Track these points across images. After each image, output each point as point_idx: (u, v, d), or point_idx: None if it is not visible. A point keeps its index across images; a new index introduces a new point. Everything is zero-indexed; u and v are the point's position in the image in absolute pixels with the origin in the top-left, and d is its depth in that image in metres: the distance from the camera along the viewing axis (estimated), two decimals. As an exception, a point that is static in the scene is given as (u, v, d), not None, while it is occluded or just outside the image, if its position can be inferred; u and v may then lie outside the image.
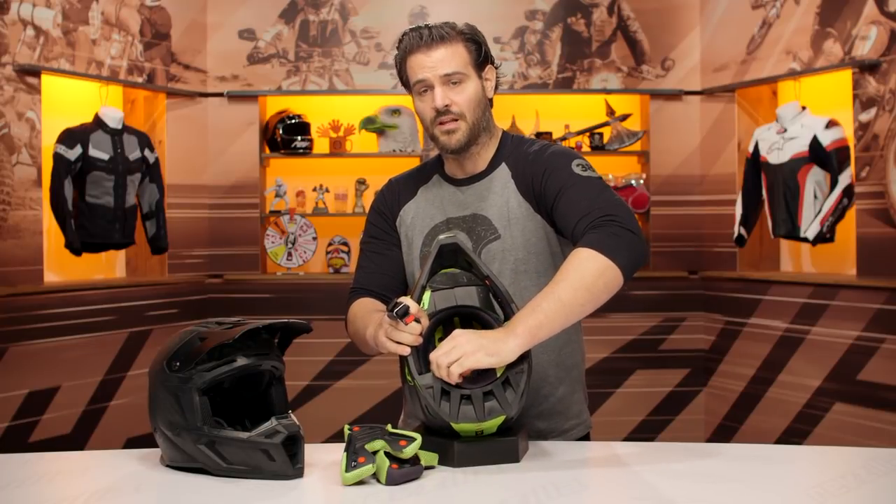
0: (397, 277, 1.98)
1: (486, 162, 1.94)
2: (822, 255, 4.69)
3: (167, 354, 1.65)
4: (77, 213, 4.43)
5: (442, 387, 1.61)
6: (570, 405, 1.95)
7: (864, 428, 4.16)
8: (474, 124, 1.88)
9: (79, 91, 4.61)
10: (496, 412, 1.62)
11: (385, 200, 2.03)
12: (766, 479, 1.59)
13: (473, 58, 1.87)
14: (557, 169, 1.82)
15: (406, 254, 1.98)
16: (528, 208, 1.87)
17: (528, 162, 1.88)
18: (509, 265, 1.87)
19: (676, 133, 5.18)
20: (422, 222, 1.96)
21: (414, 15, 5.18)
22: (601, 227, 1.68)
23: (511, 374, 1.63)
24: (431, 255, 1.69)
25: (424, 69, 1.85)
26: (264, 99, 5.24)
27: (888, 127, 4.09)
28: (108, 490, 1.56)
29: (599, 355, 4.99)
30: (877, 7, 4.16)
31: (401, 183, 2.05)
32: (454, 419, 1.61)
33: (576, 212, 1.75)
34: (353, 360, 4.99)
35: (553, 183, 1.81)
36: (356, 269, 2.04)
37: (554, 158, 1.86)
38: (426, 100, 1.87)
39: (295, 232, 5.16)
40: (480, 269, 1.70)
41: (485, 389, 1.62)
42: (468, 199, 1.93)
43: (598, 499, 1.52)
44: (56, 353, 4.29)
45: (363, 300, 1.95)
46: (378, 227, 2.02)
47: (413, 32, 1.87)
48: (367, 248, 2.03)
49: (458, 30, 1.87)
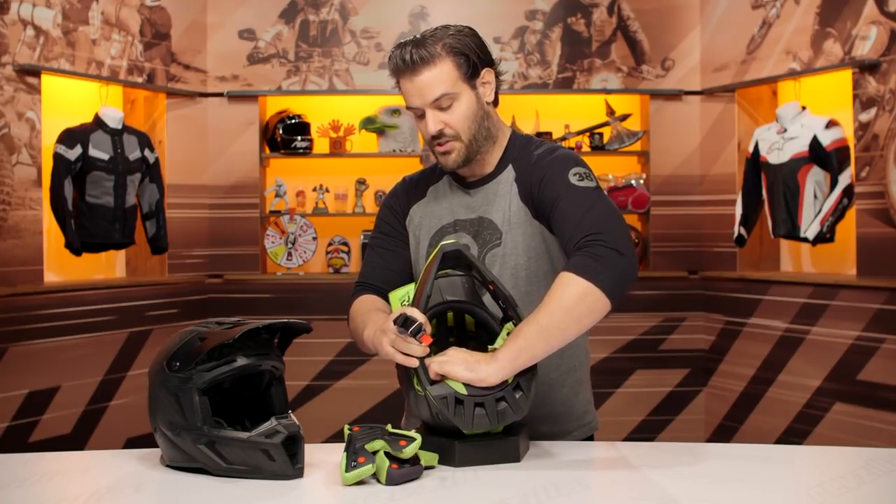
0: (403, 274, 1.98)
1: (495, 163, 1.92)
2: (822, 255, 4.69)
3: (167, 354, 1.65)
4: (77, 213, 4.43)
5: (456, 396, 1.61)
6: (573, 407, 1.94)
7: (864, 428, 4.16)
8: (471, 141, 1.84)
9: (79, 91, 4.61)
10: (508, 416, 1.63)
11: (398, 198, 2.03)
12: (766, 479, 1.59)
13: (462, 72, 1.81)
14: (554, 177, 1.79)
15: (413, 252, 1.98)
16: (527, 213, 1.85)
17: (530, 166, 1.86)
18: (508, 270, 1.86)
19: (676, 133, 5.18)
20: (429, 223, 1.96)
21: (414, 15, 5.18)
22: (586, 248, 1.67)
23: (522, 379, 1.64)
24: (435, 263, 1.67)
25: (412, 96, 1.82)
26: (264, 99, 5.24)
27: (888, 127, 4.08)
28: (108, 490, 1.56)
29: (600, 355, 4.99)
30: (877, 7, 4.15)
31: (413, 182, 2.04)
32: (469, 427, 1.62)
33: (566, 227, 1.74)
34: (353, 360, 4.99)
35: (549, 192, 1.79)
36: (363, 264, 2.04)
37: (553, 165, 1.82)
38: (422, 122, 1.86)
39: (295, 232, 5.16)
40: (484, 275, 1.69)
41: (497, 396, 1.63)
42: (475, 202, 1.92)
43: (598, 499, 1.52)
44: (56, 353, 4.29)
45: (364, 298, 1.95)
46: (388, 223, 2.02)
47: (397, 52, 1.81)
48: (375, 243, 2.03)
49: (444, 43, 1.80)
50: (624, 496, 1.51)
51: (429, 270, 1.68)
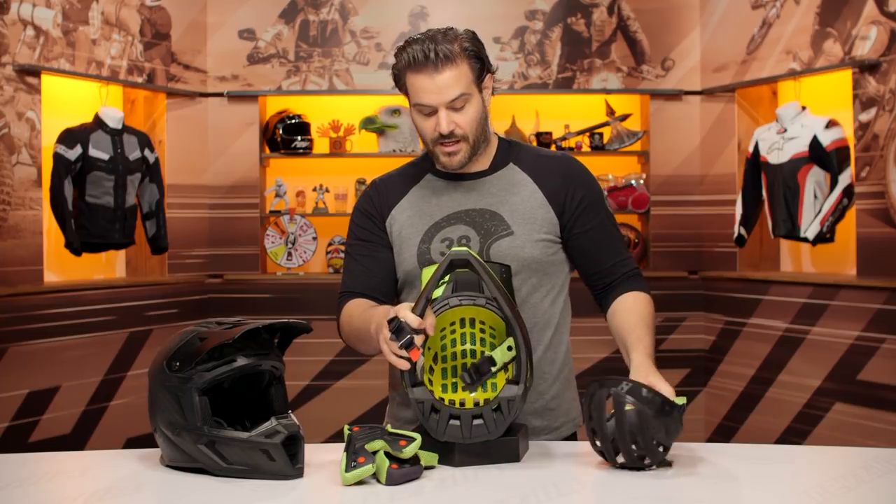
0: (388, 279, 1.96)
1: (489, 161, 1.95)
2: (822, 255, 4.69)
3: (167, 354, 1.65)
4: (77, 213, 4.43)
5: (433, 404, 1.63)
6: (562, 403, 1.97)
7: (864, 428, 4.16)
8: (475, 142, 1.88)
9: (79, 91, 4.61)
10: (481, 434, 1.63)
11: (372, 202, 2.00)
12: (766, 479, 1.59)
13: (476, 75, 1.84)
14: (596, 202, 1.95)
15: (398, 254, 1.95)
16: (552, 212, 1.91)
17: (556, 170, 1.94)
18: (517, 262, 1.87)
19: (676, 133, 5.18)
20: (420, 221, 1.94)
21: (414, 15, 5.18)
22: (635, 276, 1.95)
23: (506, 401, 1.63)
24: (441, 268, 1.64)
25: (429, 94, 1.82)
26: (264, 99, 5.24)
27: (888, 127, 4.08)
28: (108, 490, 1.56)
29: (599, 355, 4.98)
30: (877, 7, 4.15)
31: (387, 183, 2.02)
32: (440, 436, 1.63)
33: (611, 256, 1.94)
34: (353, 360, 4.99)
35: (592, 213, 1.93)
36: (344, 273, 1.99)
37: (591, 184, 1.97)
38: (429, 121, 1.85)
39: (295, 232, 5.17)
40: (488, 290, 1.66)
41: (475, 413, 1.63)
42: (474, 196, 1.93)
43: (598, 499, 1.52)
44: (56, 353, 4.29)
45: (355, 301, 1.93)
46: (366, 228, 1.99)
47: (418, 47, 1.81)
48: (354, 251, 1.99)
49: (462, 46, 1.82)
50: (624, 496, 1.51)
51: (434, 276, 1.65)
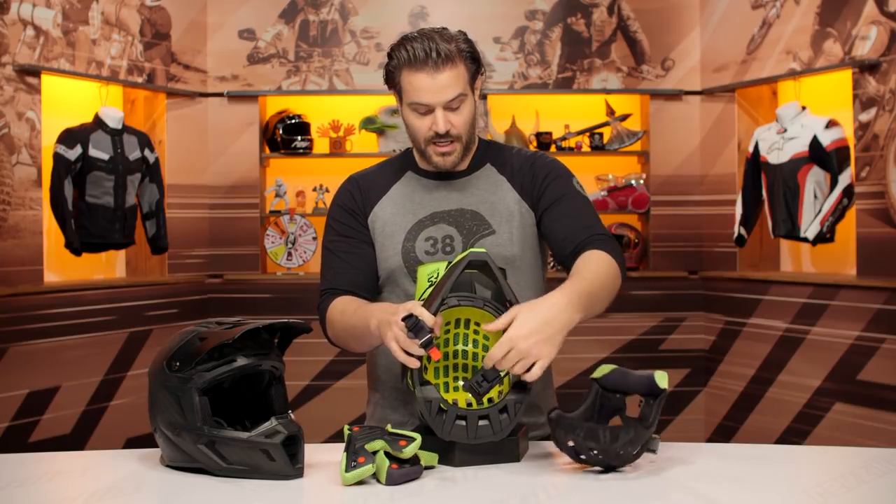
0: (371, 276, 1.95)
1: (468, 162, 1.97)
2: (822, 255, 4.69)
3: (167, 354, 1.65)
4: (77, 213, 4.43)
5: (440, 405, 1.62)
6: (544, 399, 1.98)
7: (864, 428, 4.16)
8: (468, 142, 1.91)
9: (79, 91, 4.61)
10: (487, 435, 1.63)
11: (353, 198, 1.99)
12: (766, 479, 1.59)
13: (471, 75, 1.86)
14: (561, 177, 1.94)
15: (380, 251, 1.94)
16: (526, 206, 1.93)
17: (525, 164, 1.97)
18: (500, 260, 1.86)
19: (676, 133, 5.18)
20: (403, 218, 1.94)
21: (414, 15, 5.18)
22: (600, 242, 1.82)
23: (511, 401, 1.63)
24: (459, 268, 1.63)
25: (428, 93, 1.82)
26: (264, 99, 5.24)
27: (888, 127, 4.08)
28: (108, 490, 1.56)
29: (599, 355, 4.97)
30: (877, 7, 4.15)
31: (367, 179, 2.01)
32: (446, 435, 1.63)
33: (578, 222, 1.87)
34: (353, 360, 4.98)
35: (556, 187, 1.92)
36: (324, 270, 1.97)
37: (556, 166, 1.96)
38: (423, 120, 1.86)
39: (295, 232, 5.17)
40: (504, 293, 1.66)
41: (481, 413, 1.63)
42: (452, 195, 1.95)
43: (598, 499, 1.52)
44: (56, 353, 4.29)
45: (342, 298, 1.91)
46: (347, 225, 1.97)
47: (418, 45, 1.81)
48: (335, 247, 1.97)
49: (459, 47, 1.83)
50: (624, 496, 1.51)
51: (450, 275, 1.64)
